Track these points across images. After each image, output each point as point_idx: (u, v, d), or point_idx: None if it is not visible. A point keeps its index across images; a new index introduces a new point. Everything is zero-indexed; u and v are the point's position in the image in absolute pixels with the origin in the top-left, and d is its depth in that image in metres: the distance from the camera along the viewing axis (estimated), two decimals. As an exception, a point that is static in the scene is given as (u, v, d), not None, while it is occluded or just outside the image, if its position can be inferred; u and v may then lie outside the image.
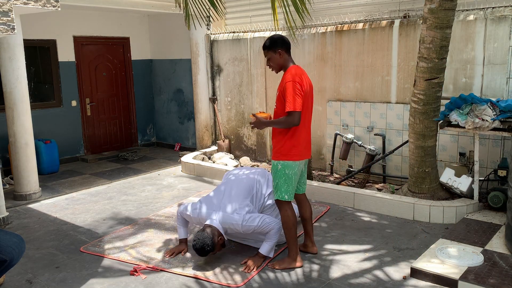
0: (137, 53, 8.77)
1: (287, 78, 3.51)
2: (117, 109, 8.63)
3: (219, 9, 5.14)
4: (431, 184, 4.87)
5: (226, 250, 3.98)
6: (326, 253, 3.98)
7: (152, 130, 9.26)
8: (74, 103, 7.90)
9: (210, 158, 7.37)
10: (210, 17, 6.55)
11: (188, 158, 7.14)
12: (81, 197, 5.89)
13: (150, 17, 8.80)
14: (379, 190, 5.48)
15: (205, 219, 3.83)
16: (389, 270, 3.63)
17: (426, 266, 3.49)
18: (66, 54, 7.69)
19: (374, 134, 5.91)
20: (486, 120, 4.33)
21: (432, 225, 4.52)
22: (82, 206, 5.51)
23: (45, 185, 6.36)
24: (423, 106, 4.70)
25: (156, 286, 3.50)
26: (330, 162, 6.34)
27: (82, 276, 3.70)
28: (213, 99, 7.81)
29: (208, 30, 7.66)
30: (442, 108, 4.75)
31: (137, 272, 3.68)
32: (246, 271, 3.63)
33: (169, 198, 5.73)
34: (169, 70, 8.71)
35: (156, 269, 3.75)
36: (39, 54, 7.50)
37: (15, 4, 4.31)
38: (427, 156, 4.82)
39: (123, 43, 8.57)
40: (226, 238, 3.80)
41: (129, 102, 8.79)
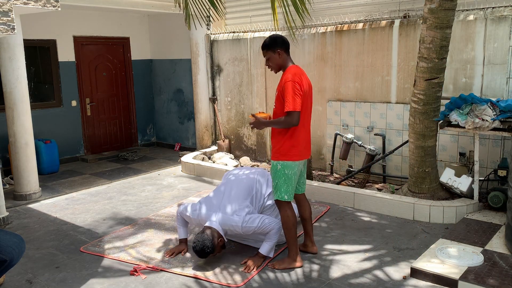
0: (137, 53, 8.77)
1: (286, 78, 3.49)
2: (117, 109, 8.63)
3: (219, 9, 5.14)
4: (431, 184, 4.87)
5: (226, 250, 3.98)
6: (326, 253, 3.98)
7: (152, 130, 9.26)
8: (74, 103, 7.90)
9: (210, 158, 7.37)
10: (210, 17, 6.55)
11: (188, 158, 7.14)
12: (81, 197, 5.89)
13: (150, 17, 8.80)
14: (379, 190, 5.47)
15: (204, 221, 3.83)
16: (389, 270, 3.63)
17: (426, 266, 3.49)
18: (66, 54, 7.69)
19: (374, 134, 5.91)
20: (486, 120, 4.32)
21: (432, 225, 4.52)
22: (82, 206, 5.51)
23: (45, 185, 6.36)
24: (423, 106, 4.70)
25: (156, 286, 3.50)
26: (330, 162, 6.34)
27: (82, 276, 3.70)
28: (213, 99, 7.81)
29: (208, 30, 7.66)
30: (442, 108, 4.75)
31: (137, 272, 3.68)
32: (246, 271, 3.63)
33: (169, 198, 5.73)
34: (169, 70, 8.71)
35: (156, 269, 3.75)
36: (39, 54, 7.50)
37: (15, 4, 4.31)
38: (427, 156, 4.82)
39: (123, 43, 8.57)
40: (226, 240, 3.80)
41: (129, 102, 8.79)
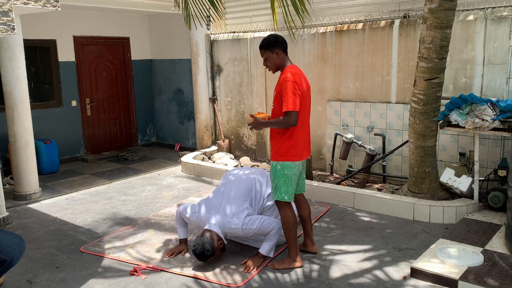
0: (137, 53, 8.77)
1: (285, 77, 3.47)
2: (117, 109, 8.62)
3: (219, 9, 5.14)
4: (431, 184, 4.87)
5: (226, 250, 3.98)
6: (326, 253, 3.98)
7: (152, 130, 9.26)
8: (74, 103, 7.90)
9: (210, 158, 7.37)
10: (210, 17, 6.55)
11: (188, 158, 7.14)
12: (81, 197, 5.89)
13: (150, 17, 8.80)
14: (379, 190, 5.47)
15: (204, 223, 3.82)
16: (389, 270, 3.63)
17: (426, 266, 3.49)
18: (66, 54, 7.69)
19: (374, 134, 5.91)
20: (486, 120, 4.32)
21: (432, 225, 4.52)
22: (82, 206, 5.51)
23: (45, 185, 6.36)
24: (423, 106, 4.69)
25: (156, 286, 3.50)
26: (330, 162, 6.34)
27: (82, 276, 3.70)
28: (213, 99, 7.81)
29: (208, 30, 7.66)
30: (442, 108, 4.75)
31: (137, 272, 3.68)
32: (246, 271, 3.62)
33: (169, 198, 5.73)
34: (169, 70, 8.71)
35: (156, 269, 3.75)
36: (39, 54, 7.50)
37: (15, 4, 4.31)
38: (427, 156, 4.82)
39: (123, 43, 8.57)
40: (226, 242, 3.79)
41: (129, 102, 8.79)
